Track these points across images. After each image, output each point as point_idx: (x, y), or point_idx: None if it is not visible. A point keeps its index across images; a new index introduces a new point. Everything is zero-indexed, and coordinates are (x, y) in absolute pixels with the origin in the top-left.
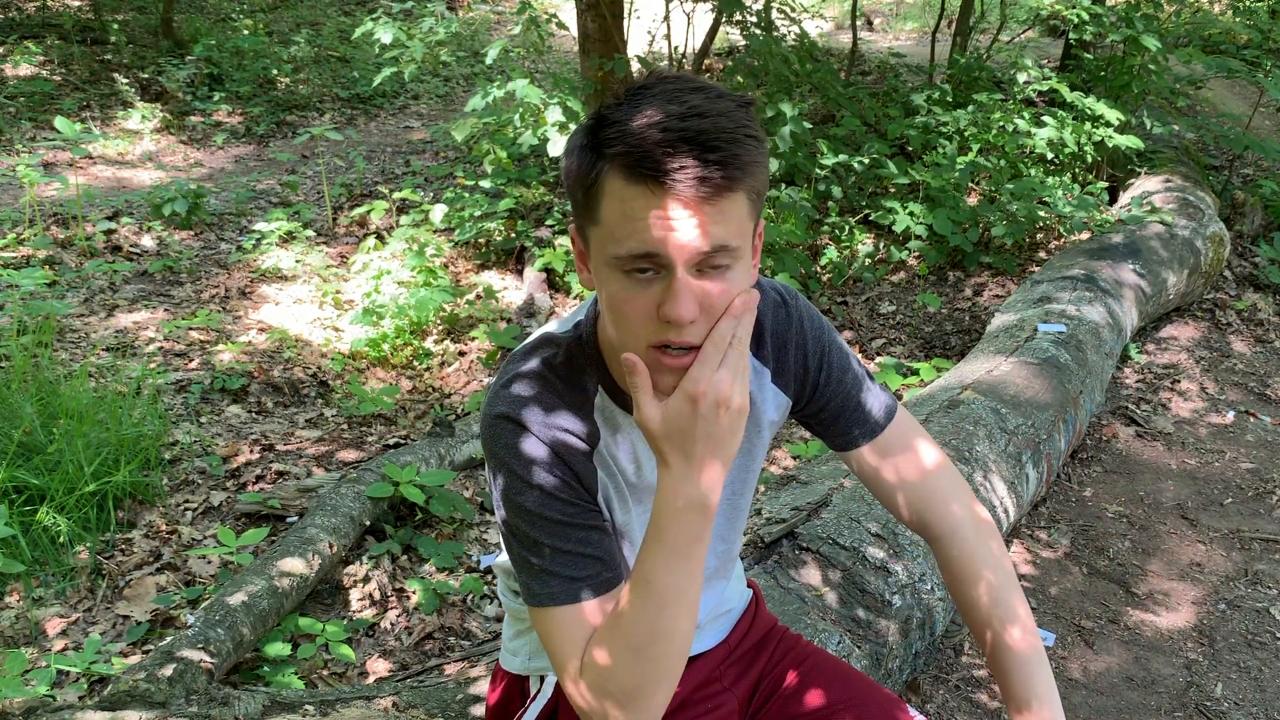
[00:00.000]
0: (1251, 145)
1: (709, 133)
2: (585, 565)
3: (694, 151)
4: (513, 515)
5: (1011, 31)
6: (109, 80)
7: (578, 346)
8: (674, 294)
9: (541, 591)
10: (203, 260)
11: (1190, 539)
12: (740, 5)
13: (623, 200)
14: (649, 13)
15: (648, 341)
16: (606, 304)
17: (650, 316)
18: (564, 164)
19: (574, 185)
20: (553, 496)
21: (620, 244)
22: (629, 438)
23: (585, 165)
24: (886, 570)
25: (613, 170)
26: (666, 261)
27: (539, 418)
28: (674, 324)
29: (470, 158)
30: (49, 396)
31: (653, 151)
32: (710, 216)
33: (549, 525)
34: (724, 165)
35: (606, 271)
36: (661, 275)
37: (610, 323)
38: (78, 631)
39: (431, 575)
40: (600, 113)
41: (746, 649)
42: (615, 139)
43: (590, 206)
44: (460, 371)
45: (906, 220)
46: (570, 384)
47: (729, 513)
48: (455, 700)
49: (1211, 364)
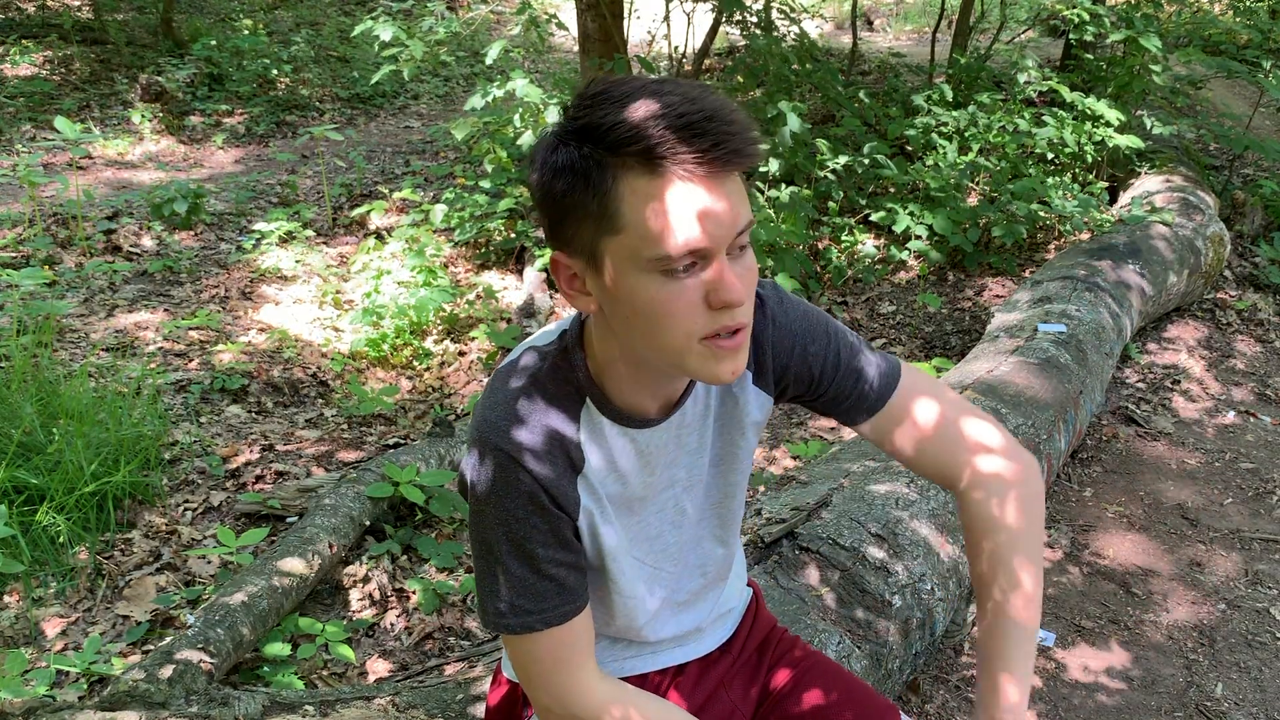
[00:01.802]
0: (1251, 145)
1: (722, 110)
2: (545, 599)
3: (720, 127)
4: (483, 538)
5: (1011, 31)
6: (109, 80)
7: (563, 359)
8: (724, 278)
9: (494, 617)
10: (203, 260)
11: (1190, 539)
12: (740, 5)
13: (653, 197)
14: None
15: (700, 335)
16: (645, 312)
17: (700, 309)
18: (547, 186)
19: (577, 200)
20: (530, 529)
21: (661, 243)
22: (614, 450)
23: (590, 175)
24: (886, 570)
25: (630, 170)
26: (713, 249)
27: (523, 446)
28: (730, 307)
29: (470, 157)
30: (49, 396)
31: (685, 136)
32: (735, 194)
33: (519, 555)
34: (751, 138)
35: (638, 279)
36: (701, 265)
37: (646, 332)
38: (77, 631)
39: (431, 575)
40: (583, 122)
41: (749, 655)
42: (628, 137)
43: (606, 217)
44: (460, 371)
45: (906, 220)
46: (556, 402)
47: (720, 517)
48: (455, 700)
49: (1212, 364)
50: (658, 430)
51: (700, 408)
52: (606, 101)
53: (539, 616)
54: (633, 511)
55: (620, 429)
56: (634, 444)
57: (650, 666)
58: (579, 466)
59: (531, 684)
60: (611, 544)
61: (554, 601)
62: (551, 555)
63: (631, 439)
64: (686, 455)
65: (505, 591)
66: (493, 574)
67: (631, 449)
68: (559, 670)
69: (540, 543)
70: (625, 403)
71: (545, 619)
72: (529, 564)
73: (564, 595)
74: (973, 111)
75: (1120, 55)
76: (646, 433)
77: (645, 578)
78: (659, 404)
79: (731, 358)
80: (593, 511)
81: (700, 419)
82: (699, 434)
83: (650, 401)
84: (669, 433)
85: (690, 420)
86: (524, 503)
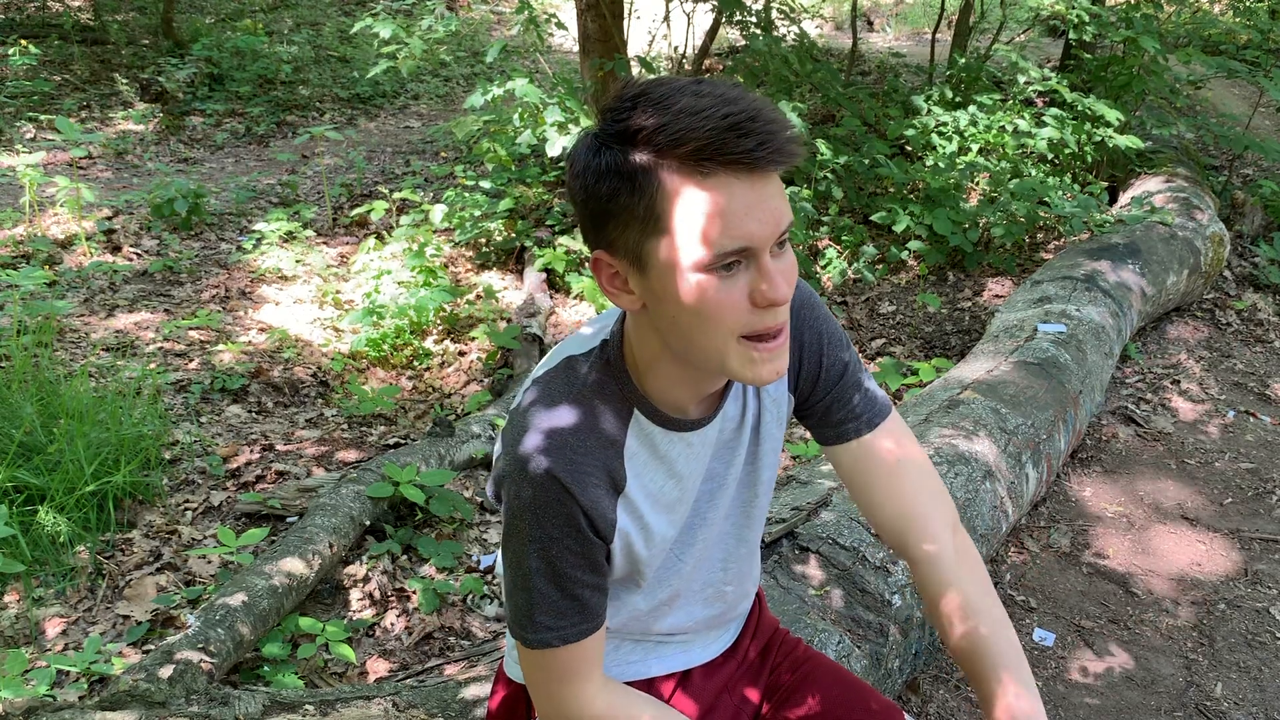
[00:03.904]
0: (1251, 145)
1: (765, 110)
2: (566, 617)
3: (766, 127)
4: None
5: (1011, 32)
6: (109, 80)
7: (607, 370)
8: (770, 276)
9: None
10: (203, 260)
11: (1190, 539)
12: (740, 5)
13: (701, 199)
14: (649, 13)
15: (740, 334)
16: (692, 311)
17: (743, 308)
18: (590, 189)
19: (615, 206)
20: (564, 551)
21: (709, 243)
22: (669, 455)
23: (636, 178)
24: (886, 570)
25: (676, 171)
26: (759, 247)
27: (566, 468)
28: (774, 305)
29: (470, 157)
30: (49, 396)
31: (729, 136)
32: (777, 193)
33: (549, 574)
34: (794, 137)
35: (685, 278)
36: (746, 263)
37: (689, 331)
38: (78, 631)
39: (431, 575)
40: (618, 125)
41: (753, 658)
42: (678, 138)
43: (653, 218)
44: (460, 371)
45: (906, 220)
46: (603, 417)
47: (746, 515)
48: (455, 700)
49: (1211, 364)
50: (701, 433)
51: (738, 407)
52: (648, 104)
53: (557, 634)
54: (671, 511)
55: (671, 434)
56: (690, 447)
57: (656, 670)
58: (620, 487)
59: (537, 691)
60: (643, 555)
61: (574, 620)
62: (580, 577)
63: (688, 443)
64: (723, 455)
65: (530, 606)
66: (521, 587)
67: (688, 453)
68: (565, 681)
69: (571, 564)
70: (669, 403)
71: (563, 636)
72: (557, 584)
73: (584, 615)
74: (972, 112)
75: (1120, 55)
76: (698, 434)
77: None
78: (700, 402)
79: (772, 359)
80: (629, 532)
81: (737, 419)
82: (736, 434)
83: (691, 399)
84: (710, 434)
85: (728, 420)
86: (561, 524)
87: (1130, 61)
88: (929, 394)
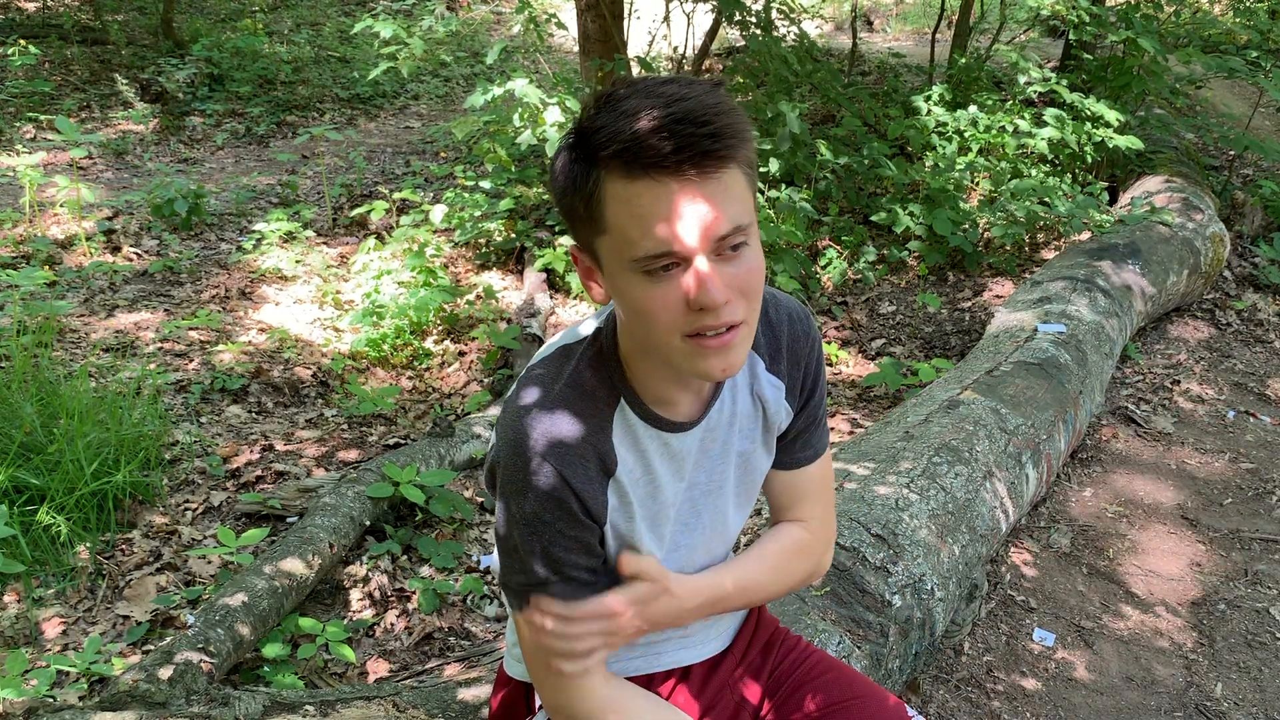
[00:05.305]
0: (1251, 145)
1: (696, 111)
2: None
3: (687, 129)
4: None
5: (1011, 32)
6: (109, 80)
7: (599, 359)
8: (703, 281)
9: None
10: (203, 260)
11: (1190, 539)
12: (740, 5)
13: (628, 200)
14: (649, 13)
15: (682, 333)
16: (632, 309)
17: (680, 309)
18: (556, 186)
19: (572, 202)
20: (556, 534)
21: (637, 245)
22: (647, 452)
23: (580, 177)
24: (886, 571)
25: (610, 173)
26: (687, 252)
27: (557, 452)
28: (709, 309)
29: (470, 157)
30: (49, 396)
31: (648, 140)
32: (718, 196)
33: (544, 559)
34: (719, 137)
35: (626, 277)
36: (684, 266)
37: (637, 327)
38: (78, 631)
39: (432, 575)
40: (580, 126)
41: (753, 656)
42: (606, 141)
43: (594, 217)
44: (460, 371)
45: (906, 220)
46: (591, 403)
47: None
48: (455, 701)
49: (1211, 364)
50: (687, 435)
51: (727, 413)
52: (604, 106)
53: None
54: (654, 512)
55: (653, 432)
56: (666, 447)
57: (655, 667)
58: (611, 469)
59: (541, 683)
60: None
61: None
62: (575, 560)
63: (665, 442)
64: (710, 460)
65: (526, 589)
66: (517, 570)
67: (664, 452)
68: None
69: (565, 548)
70: (656, 400)
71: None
72: (552, 568)
73: (580, 598)
74: (972, 112)
75: (1120, 56)
76: (678, 437)
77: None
78: (688, 401)
79: (720, 355)
80: (618, 512)
81: (727, 425)
82: (724, 440)
83: (678, 397)
84: (697, 438)
85: (716, 425)
86: (553, 507)
87: (1130, 62)
88: (929, 394)
